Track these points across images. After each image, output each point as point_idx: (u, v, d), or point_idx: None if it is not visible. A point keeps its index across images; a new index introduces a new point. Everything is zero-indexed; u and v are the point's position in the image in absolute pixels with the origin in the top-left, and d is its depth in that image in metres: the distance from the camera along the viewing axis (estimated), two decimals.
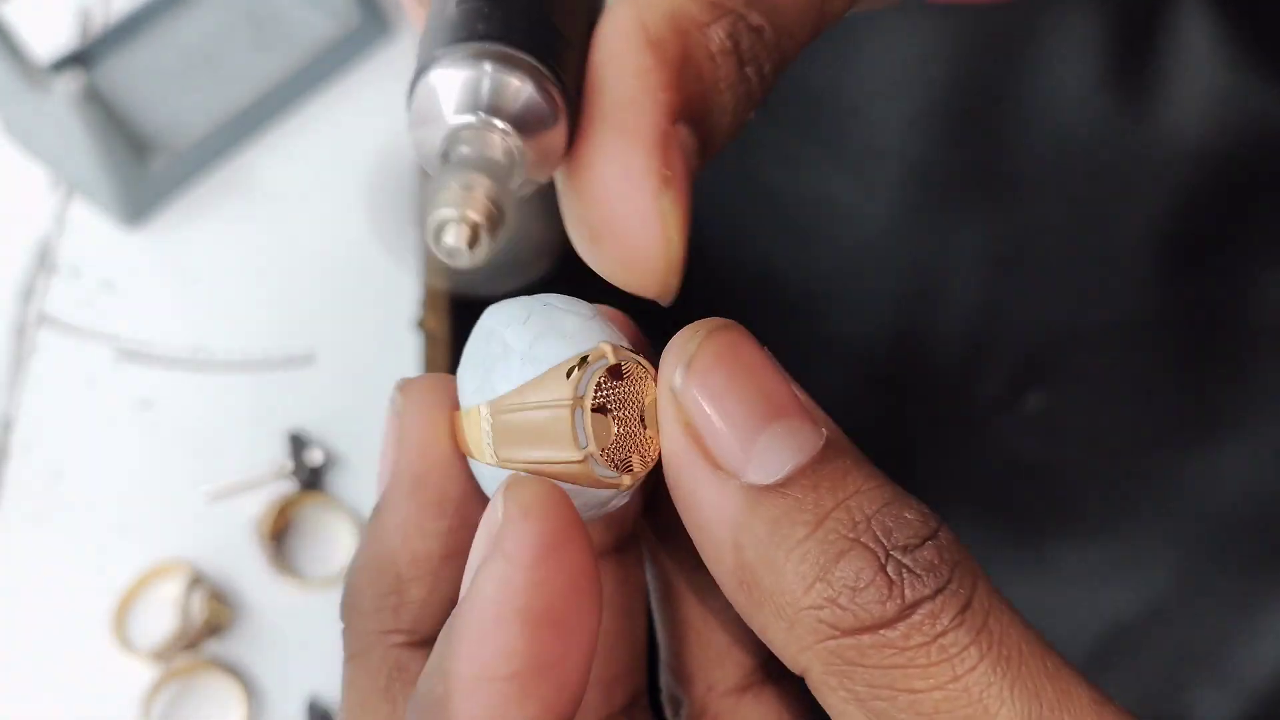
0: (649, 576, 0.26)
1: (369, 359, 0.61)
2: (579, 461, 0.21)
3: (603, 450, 0.21)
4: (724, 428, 0.20)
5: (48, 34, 0.68)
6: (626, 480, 0.22)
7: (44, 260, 0.64)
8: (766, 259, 0.54)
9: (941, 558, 0.19)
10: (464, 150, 0.20)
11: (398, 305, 0.61)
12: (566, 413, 0.21)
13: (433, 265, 0.56)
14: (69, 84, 0.57)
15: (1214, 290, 0.49)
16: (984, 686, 0.19)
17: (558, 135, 0.21)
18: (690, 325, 0.21)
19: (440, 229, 0.19)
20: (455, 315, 0.55)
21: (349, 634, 0.23)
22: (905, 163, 0.52)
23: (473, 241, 0.19)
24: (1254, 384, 0.49)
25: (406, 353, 0.60)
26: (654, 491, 0.24)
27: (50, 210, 0.65)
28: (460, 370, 0.24)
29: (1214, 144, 0.49)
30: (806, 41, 0.23)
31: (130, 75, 0.66)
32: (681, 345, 0.21)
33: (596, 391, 0.21)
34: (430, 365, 0.56)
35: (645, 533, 0.26)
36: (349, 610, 0.23)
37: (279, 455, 0.58)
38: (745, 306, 0.24)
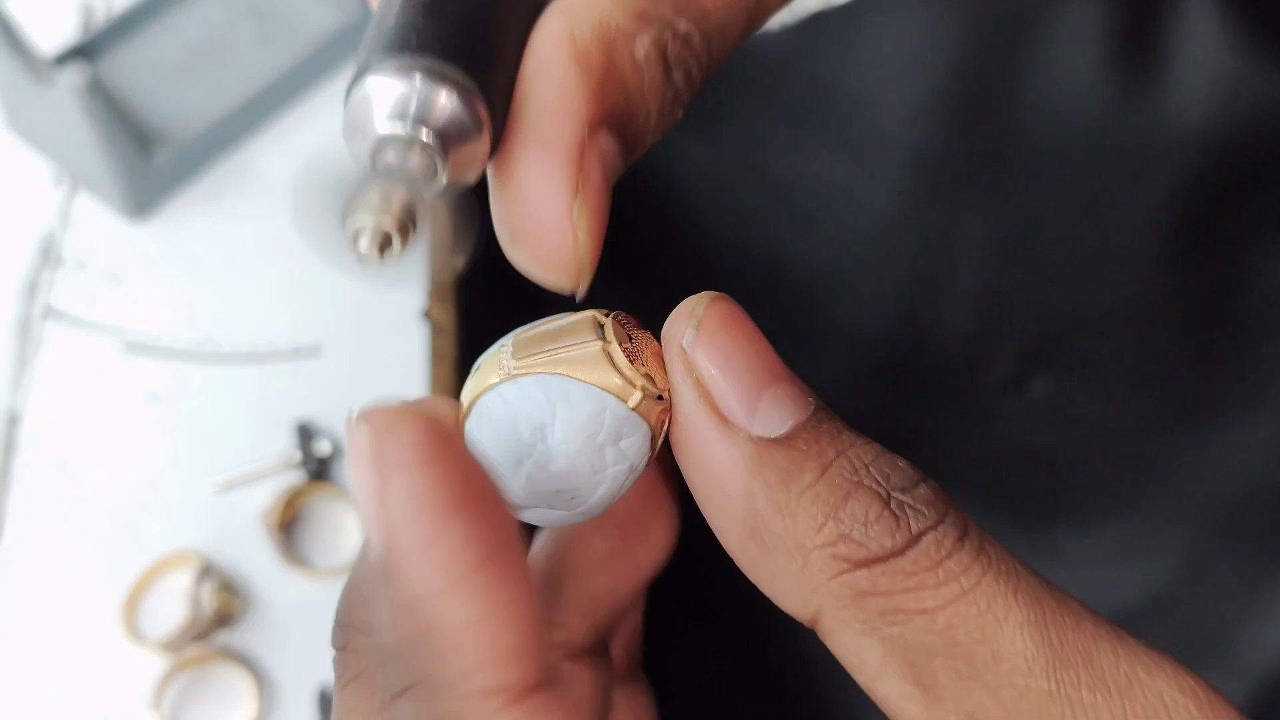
0: None
1: (376, 349, 0.61)
2: (602, 342, 0.23)
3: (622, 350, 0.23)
4: (731, 386, 0.22)
5: (51, 27, 0.68)
6: (637, 386, 0.23)
7: (49, 254, 0.64)
8: (770, 247, 0.54)
9: (936, 495, 0.21)
10: (389, 158, 0.21)
11: (404, 296, 0.61)
12: (597, 344, 0.23)
13: (440, 257, 0.57)
14: (73, 77, 0.57)
15: (1220, 275, 0.49)
16: (990, 597, 0.20)
17: (480, 146, 0.22)
18: (691, 296, 0.23)
19: (356, 235, 0.21)
20: (462, 306, 0.55)
21: (347, 656, 0.23)
22: (909, 149, 0.52)
23: (384, 248, 0.21)
24: (1261, 369, 0.48)
25: (413, 343, 0.60)
26: None
27: (55, 204, 0.65)
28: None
29: (1220, 128, 0.49)
30: (740, 39, 0.25)
31: (134, 68, 0.66)
32: (688, 311, 0.23)
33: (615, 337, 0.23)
34: (437, 356, 0.57)
35: None
36: (346, 630, 0.23)
37: (287, 446, 0.58)
38: (749, 295, 0.25)
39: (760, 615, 0.23)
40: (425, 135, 0.21)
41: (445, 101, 0.21)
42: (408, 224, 0.21)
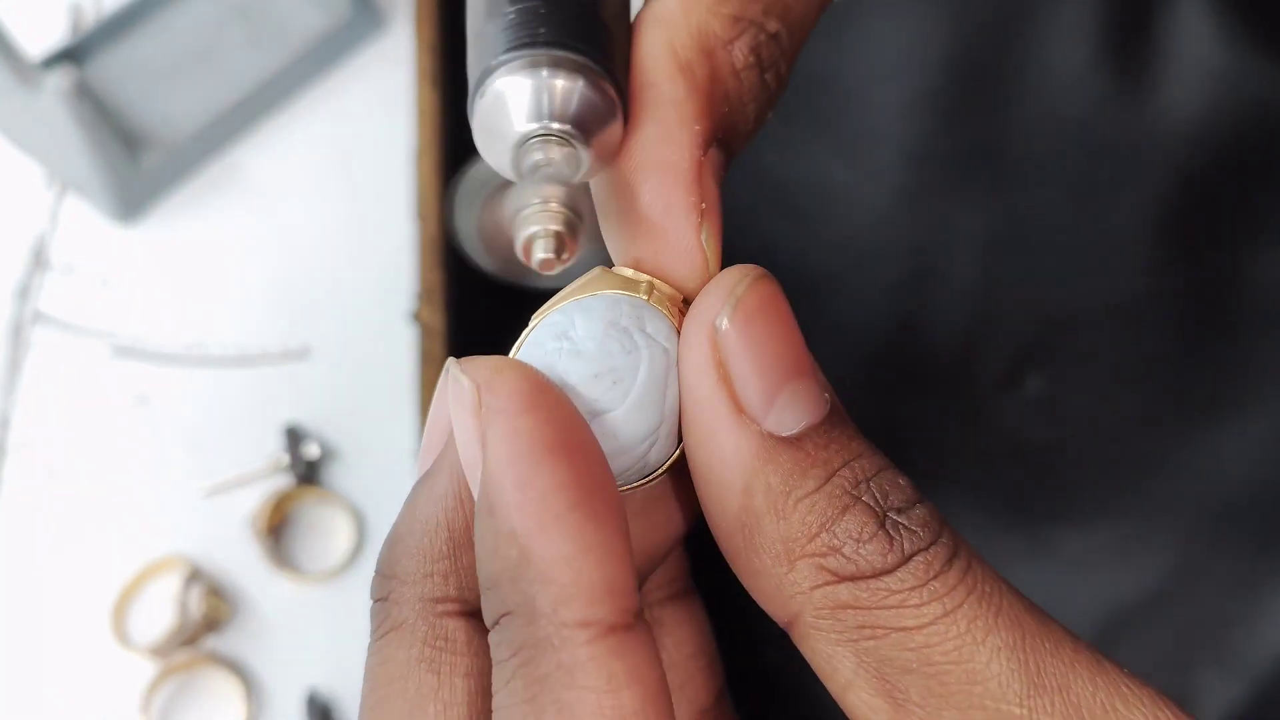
0: None
1: (365, 352, 0.60)
2: (604, 267, 0.23)
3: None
4: (754, 375, 0.21)
5: (40, 30, 0.68)
6: (643, 284, 0.23)
7: (38, 258, 0.63)
8: (765, 244, 0.54)
9: (931, 516, 0.21)
10: (534, 156, 0.21)
11: (393, 298, 0.61)
12: (599, 267, 0.23)
13: (429, 259, 0.56)
14: (60, 81, 0.57)
15: (1214, 270, 0.49)
16: (971, 619, 0.20)
17: (615, 131, 0.22)
18: (733, 269, 0.22)
19: (530, 245, 0.21)
20: (450, 307, 0.54)
21: (388, 606, 0.23)
22: (903, 146, 0.52)
23: (560, 249, 0.21)
24: (1254, 364, 0.48)
25: (402, 345, 0.59)
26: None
27: (46, 207, 0.65)
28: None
29: (1212, 123, 0.49)
30: (813, 27, 0.25)
31: (122, 71, 0.66)
32: (728, 287, 0.22)
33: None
34: (426, 357, 0.56)
35: None
36: (388, 581, 0.23)
37: (275, 449, 0.58)
38: None
39: (755, 613, 0.23)
40: (564, 126, 0.21)
41: (578, 89, 0.21)
42: (574, 220, 0.21)
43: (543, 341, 0.23)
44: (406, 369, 0.59)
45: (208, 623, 0.54)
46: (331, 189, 0.65)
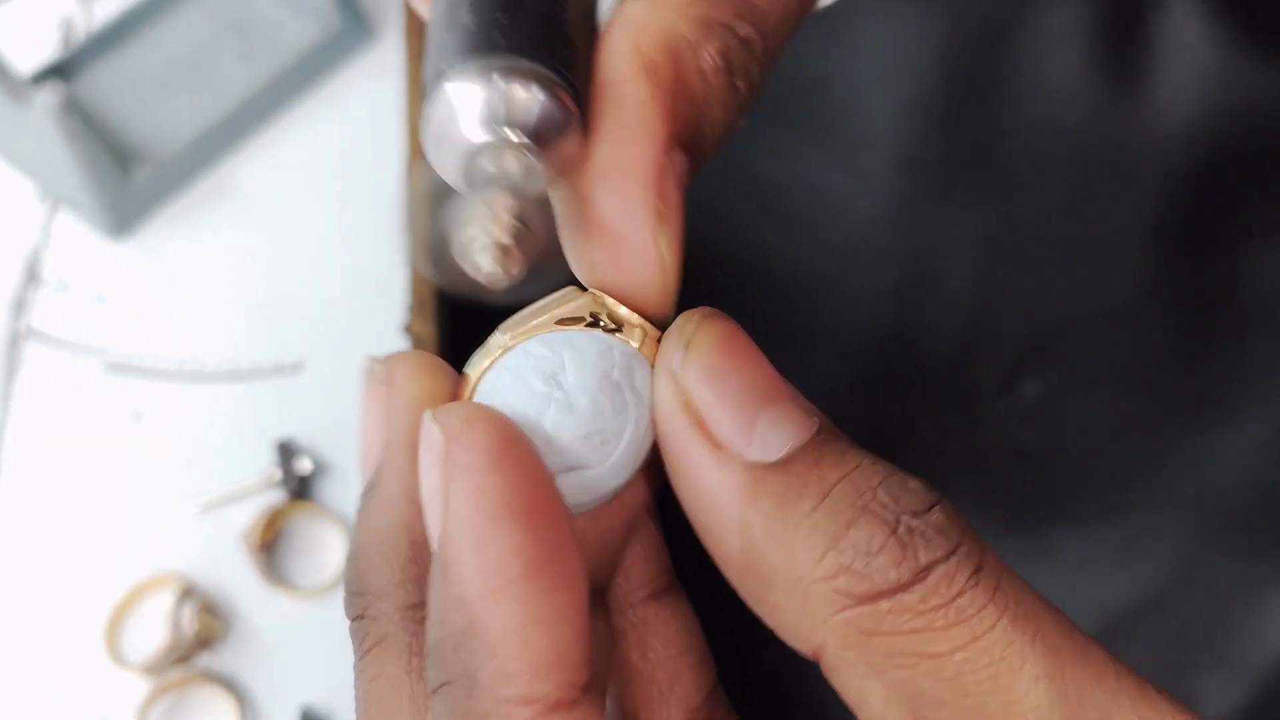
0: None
1: (357, 365, 0.60)
2: (591, 295, 0.22)
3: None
4: (724, 408, 0.20)
5: (32, 44, 0.68)
6: (637, 324, 0.22)
7: (32, 273, 0.63)
8: (758, 252, 0.53)
9: (950, 521, 0.19)
10: (485, 167, 0.21)
11: (385, 311, 0.60)
12: (588, 296, 0.22)
13: (420, 273, 0.56)
14: (49, 97, 0.57)
15: (1209, 273, 0.49)
16: (1005, 644, 0.19)
17: (572, 143, 0.21)
18: (686, 313, 0.22)
19: (472, 253, 0.20)
20: (443, 319, 0.54)
21: (366, 623, 0.22)
22: (896, 152, 0.51)
23: (504, 261, 0.20)
24: (1252, 367, 0.48)
25: None
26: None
27: (38, 223, 0.65)
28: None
29: (1207, 125, 0.49)
30: (789, 37, 0.24)
31: (113, 85, 0.66)
32: (679, 329, 0.22)
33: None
34: None
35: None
36: (361, 598, 0.22)
37: (268, 465, 0.57)
38: (737, 300, 0.24)
39: (752, 617, 0.22)
40: (519, 136, 0.20)
41: (534, 98, 0.20)
42: (523, 232, 0.20)
43: (528, 380, 0.22)
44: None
45: (201, 640, 0.53)
46: (323, 201, 0.65)
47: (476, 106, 0.20)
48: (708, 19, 0.22)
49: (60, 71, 0.65)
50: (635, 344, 0.22)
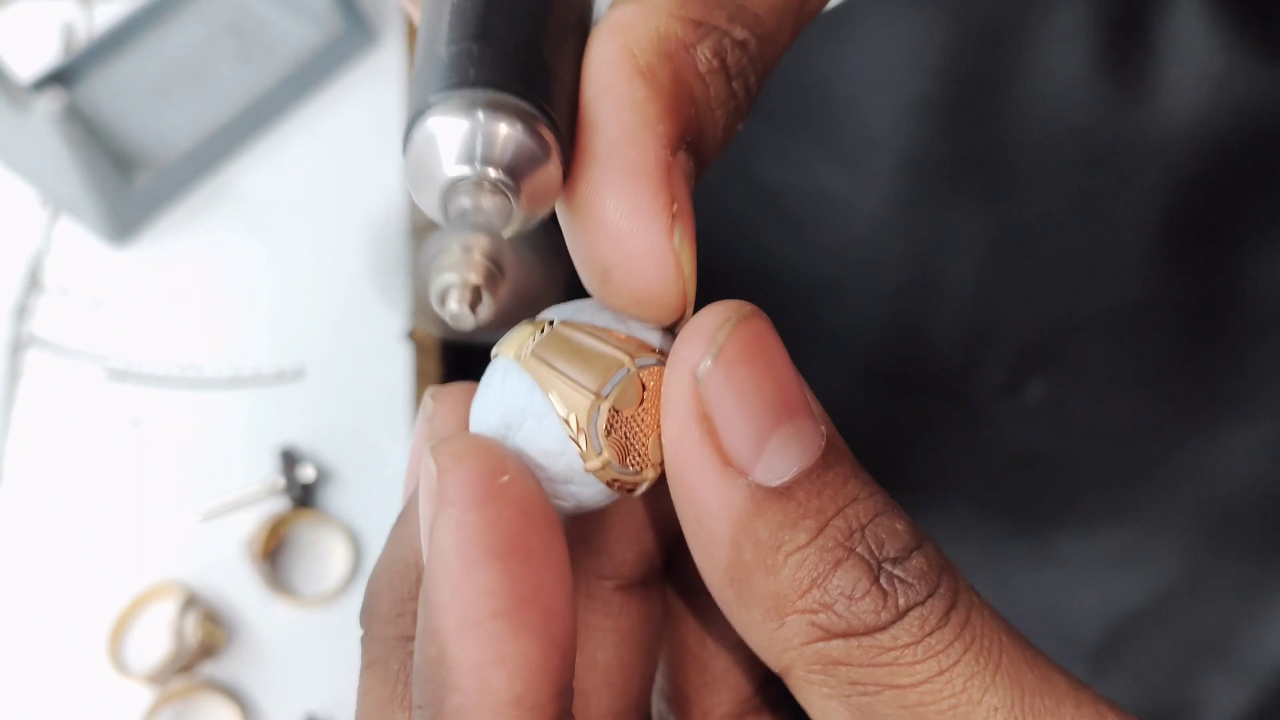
0: None
1: (360, 372, 0.60)
2: (594, 395, 0.21)
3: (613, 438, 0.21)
4: (742, 424, 0.20)
5: (33, 50, 0.68)
6: (600, 457, 0.21)
7: (34, 279, 0.63)
8: (762, 254, 0.53)
9: (930, 565, 0.20)
10: (461, 202, 0.20)
11: (387, 317, 0.60)
12: (628, 360, 0.21)
13: (425, 312, 0.56)
14: (49, 104, 0.57)
15: (1213, 275, 0.49)
16: (968, 676, 0.19)
17: (552, 173, 0.21)
18: (716, 306, 0.21)
19: (444, 294, 0.20)
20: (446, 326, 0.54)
21: (367, 641, 0.23)
22: (899, 153, 0.51)
23: (475, 303, 0.20)
24: (1256, 368, 0.48)
25: (397, 365, 0.59)
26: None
27: (40, 228, 0.64)
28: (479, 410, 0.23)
29: (1210, 127, 0.49)
30: (788, 44, 0.23)
31: (114, 91, 0.66)
32: (710, 331, 0.21)
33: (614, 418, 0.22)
34: (421, 376, 0.56)
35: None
36: (368, 616, 0.23)
37: (270, 472, 0.57)
38: None
39: None
40: (495, 172, 0.20)
41: (510, 133, 0.20)
42: (494, 273, 0.20)
43: (504, 405, 0.22)
44: (402, 388, 0.58)
45: (204, 649, 0.53)
46: (324, 206, 0.64)
47: (456, 141, 0.20)
48: (701, 21, 0.22)
49: (61, 78, 0.65)
50: (589, 467, 0.21)
